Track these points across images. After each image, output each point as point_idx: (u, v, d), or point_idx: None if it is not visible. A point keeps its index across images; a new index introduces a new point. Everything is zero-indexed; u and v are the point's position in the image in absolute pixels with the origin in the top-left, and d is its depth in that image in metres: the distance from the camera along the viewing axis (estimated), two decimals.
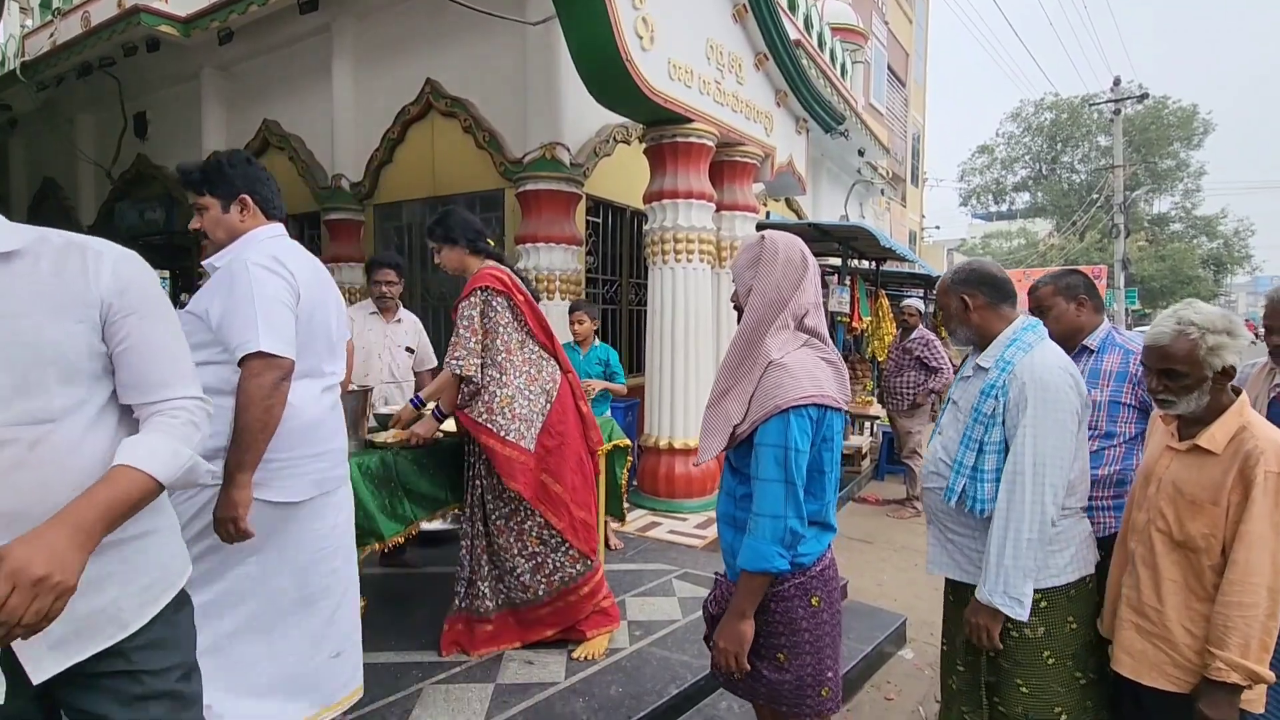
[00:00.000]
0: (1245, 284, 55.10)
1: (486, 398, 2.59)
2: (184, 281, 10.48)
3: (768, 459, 1.44)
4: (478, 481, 2.72)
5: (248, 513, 1.65)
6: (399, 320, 3.73)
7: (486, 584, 2.73)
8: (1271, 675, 1.47)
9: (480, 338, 2.59)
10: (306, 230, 6.69)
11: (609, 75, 4.14)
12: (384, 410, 3.09)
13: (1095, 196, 27.04)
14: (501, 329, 2.62)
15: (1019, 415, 1.63)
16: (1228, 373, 1.55)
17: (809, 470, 1.49)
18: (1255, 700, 1.54)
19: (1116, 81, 21.39)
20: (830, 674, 1.57)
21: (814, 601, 1.54)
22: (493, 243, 2.83)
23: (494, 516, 2.71)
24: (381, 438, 2.68)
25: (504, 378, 2.61)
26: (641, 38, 4.19)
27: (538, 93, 5.02)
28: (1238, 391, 1.61)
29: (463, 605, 2.75)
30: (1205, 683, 1.52)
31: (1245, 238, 31.60)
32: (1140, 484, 1.73)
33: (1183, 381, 1.56)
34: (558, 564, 2.72)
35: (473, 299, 2.60)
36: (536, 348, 2.73)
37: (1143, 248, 30.90)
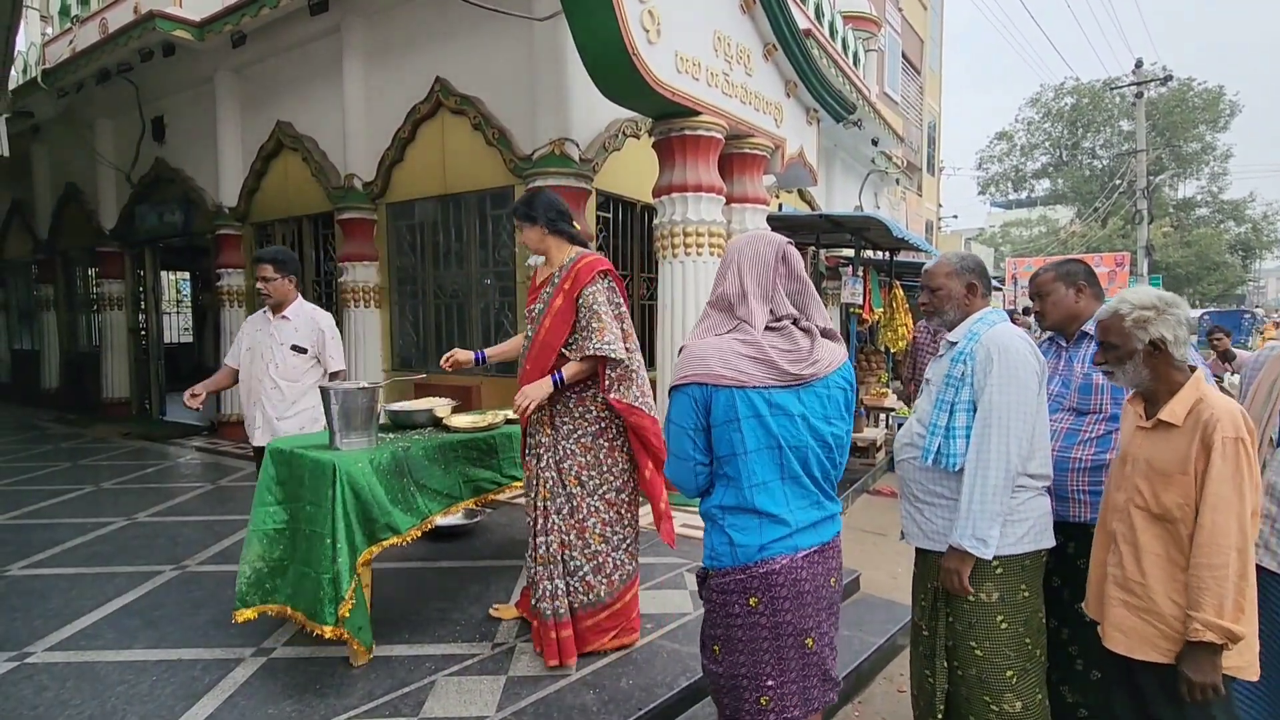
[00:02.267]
0: (1275, 269, 53.63)
1: (639, 381, 2.60)
2: (204, 282, 10.63)
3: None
4: (547, 475, 2.64)
5: None
6: (285, 318, 3.45)
7: (560, 582, 2.61)
8: (1245, 631, 1.51)
9: (618, 322, 2.61)
10: (321, 230, 6.77)
11: (616, 70, 4.13)
12: (395, 407, 3.13)
13: (1118, 182, 26.51)
14: (625, 312, 2.67)
15: (985, 376, 1.81)
16: (1158, 345, 1.67)
17: (722, 454, 1.55)
18: (1246, 668, 1.59)
19: (1139, 64, 20.93)
20: (771, 683, 1.54)
21: (751, 602, 1.54)
22: (578, 227, 2.81)
23: (556, 515, 2.63)
24: (458, 421, 2.96)
25: (636, 356, 2.64)
26: (648, 31, 4.17)
27: (546, 89, 5.03)
28: (1194, 369, 1.72)
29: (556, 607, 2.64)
30: (1186, 645, 1.57)
31: (1275, 221, 30.82)
32: (1118, 466, 1.81)
33: (1115, 352, 1.74)
34: (618, 562, 2.68)
35: (599, 283, 2.60)
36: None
37: (1167, 234, 30.26)
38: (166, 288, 11.85)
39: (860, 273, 7.20)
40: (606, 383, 2.57)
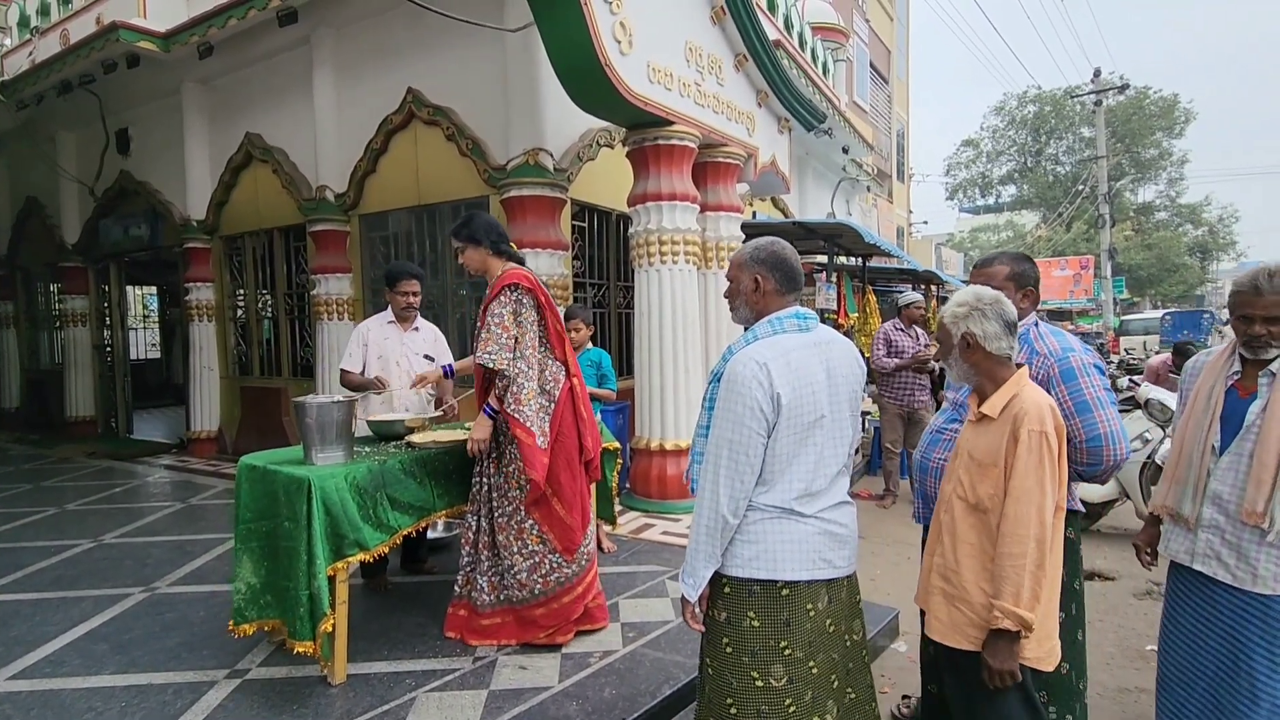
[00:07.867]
0: (1231, 270, 55.37)
1: (515, 390, 2.67)
2: (171, 297, 10.38)
3: None
4: (485, 479, 2.82)
5: None
6: (416, 329, 3.78)
7: (486, 579, 2.82)
8: (1036, 619, 1.56)
9: (511, 333, 2.69)
10: (292, 242, 6.68)
11: (588, 80, 4.16)
12: (382, 418, 3.10)
13: (1081, 188, 27.26)
14: (530, 326, 2.73)
15: (718, 404, 1.63)
16: (968, 340, 1.74)
17: None
18: (1044, 658, 1.64)
19: (1097, 73, 21.59)
20: None
21: None
22: (515, 246, 2.96)
23: (498, 514, 2.80)
24: (421, 438, 2.90)
25: (530, 372, 2.71)
26: (620, 42, 4.20)
27: (519, 99, 5.03)
28: (1021, 366, 1.79)
29: (463, 594, 2.88)
30: (989, 632, 1.63)
31: (1230, 224, 31.93)
32: (951, 459, 1.85)
33: (942, 348, 1.83)
34: (554, 564, 2.79)
35: (504, 297, 2.71)
36: (546, 348, 2.82)
37: (1129, 237, 31.14)
38: (133, 303, 11.58)
39: (834, 279, 7.30)
40: (495, 390, 2.71)
